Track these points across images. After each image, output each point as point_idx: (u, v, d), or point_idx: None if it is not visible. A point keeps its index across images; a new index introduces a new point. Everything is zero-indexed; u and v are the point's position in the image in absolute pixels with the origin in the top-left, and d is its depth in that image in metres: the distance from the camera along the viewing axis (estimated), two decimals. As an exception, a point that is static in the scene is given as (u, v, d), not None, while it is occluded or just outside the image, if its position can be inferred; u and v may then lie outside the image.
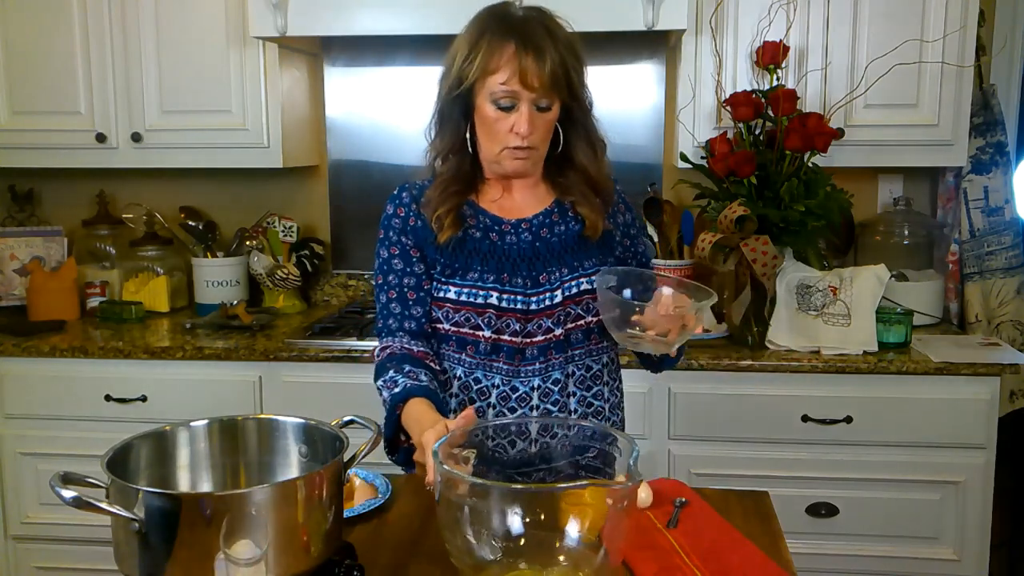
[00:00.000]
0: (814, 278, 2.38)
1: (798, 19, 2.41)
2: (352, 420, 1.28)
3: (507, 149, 1.47)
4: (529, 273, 1.52)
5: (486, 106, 1.45)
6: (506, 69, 1.41)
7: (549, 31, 1.43)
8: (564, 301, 1.51)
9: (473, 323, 1.52)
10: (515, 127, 1.44)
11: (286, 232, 2.92)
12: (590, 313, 1.53)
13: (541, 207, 1.57)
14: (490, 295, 1.51)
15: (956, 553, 2.31)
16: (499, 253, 1.53)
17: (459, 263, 1.53)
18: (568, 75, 1.44)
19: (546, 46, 1.41)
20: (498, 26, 1.44)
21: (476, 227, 1.55)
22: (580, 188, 1.55)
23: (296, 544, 1.08)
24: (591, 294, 1.52)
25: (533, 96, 1.42)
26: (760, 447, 2.32)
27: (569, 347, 1.53)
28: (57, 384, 2.50)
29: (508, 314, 1.51)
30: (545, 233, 1.55)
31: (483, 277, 1.52)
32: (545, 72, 1.40)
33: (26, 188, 3.08)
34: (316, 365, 2.40)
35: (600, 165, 1.55)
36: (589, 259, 1.55)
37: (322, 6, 2.40)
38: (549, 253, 1.54)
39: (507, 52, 1.41)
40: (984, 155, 2.64)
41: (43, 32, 2.67)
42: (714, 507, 1.44)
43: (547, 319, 1.51)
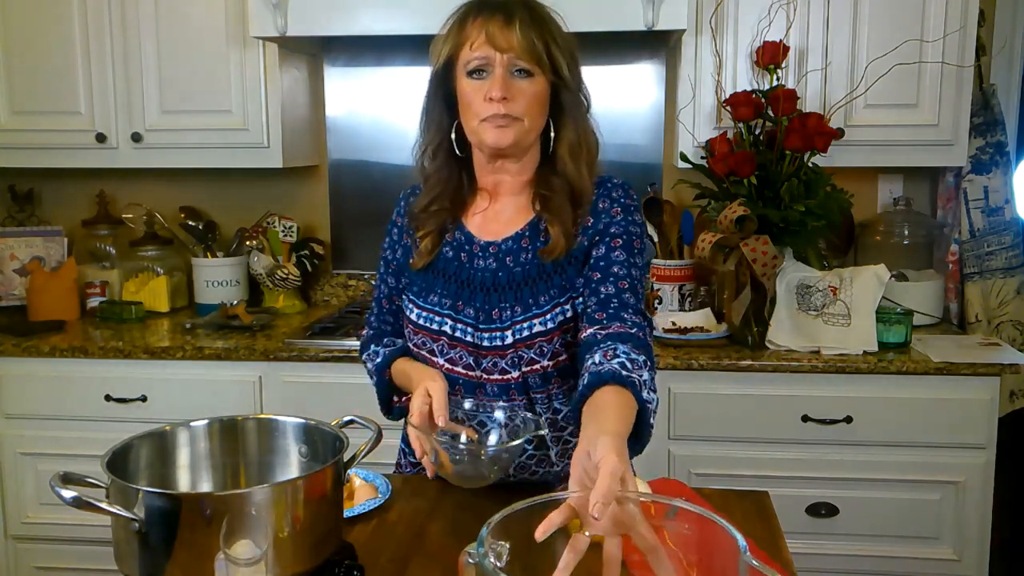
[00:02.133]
0: (814, 278, 2.38)
1: (798, 19, 2.41)
2: (352, 420, 1.27)
3: (483, 121, 1.38)
4: (482, 306, 1.43)
5: (463, 81, 1.39)
6: (475, 36, 1.36)
7: (529, 7, 1.38)
8: (515, 343, 1.40)
9: (428, 348, 1.47)
10: (488, 92, 1.35)
11: (286, 232, 2.92)
12: (544, 358, 1.40)
13: (517, 227, 1.46)
14: (444, 322, 1.44)
15: (956, 553, 2.31)
16: (463, 277, 1.45)
17: (426, 283, 1.48)
18: (548, 47, 1.36)
19: (517, 13, 1.35)
20: (472, 6, 1.40)
21: (451, 244, 1.48)
22: (560, 197, 1.42)
23: (296, 544, 1.08)
24: (543, 336, 1.40)
25: (505, 58, 1.35)
26: (760, 447, 2.32)
27: (530, 390, 1.43)
28: (57, 384, 2.50)
29: (460, 345, 1.43)
30: (510, 261, 1.44)
31: (441, 302, 1.45)
32: (515, 33, 1.34)
33: (26, 188, 3.08)
34: (316, 365, 2.40)
35: (581, 164, 1.42)
36: (548, 292, 1.41)
37: (322, 6, 2.40)
38: (508, 285, 1.43)
39: (476, 22, 1.37)
40: (984, 155, 2.64)
41: (43, 32, 2.67)
42: (714, 507, 1.43)
43: (500, 359, 1.42)
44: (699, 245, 2.37)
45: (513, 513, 1.00)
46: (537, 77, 1.37)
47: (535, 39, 1.35)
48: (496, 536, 0.96)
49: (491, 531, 0.95)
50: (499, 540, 0.96)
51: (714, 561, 1.05)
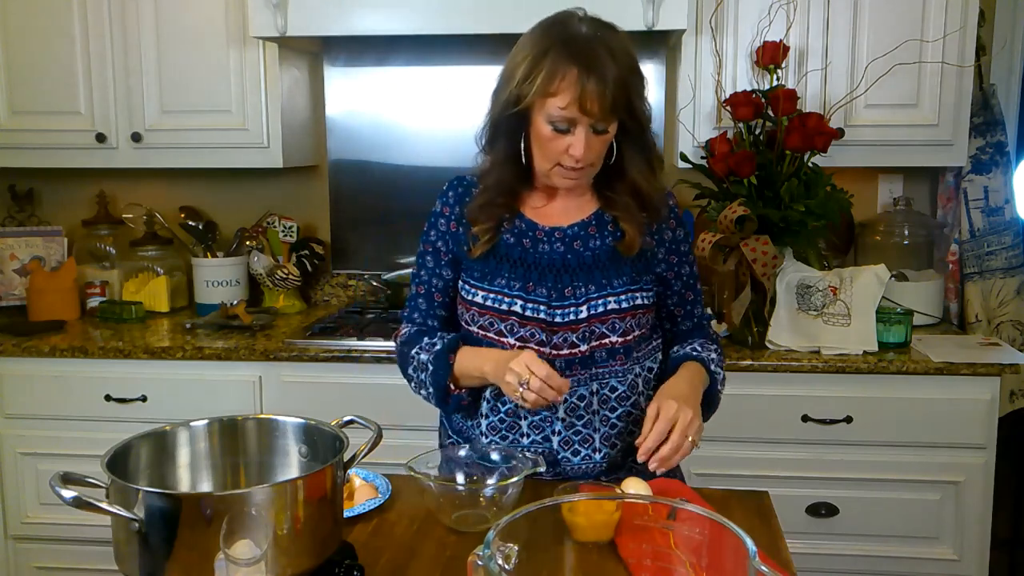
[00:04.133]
0: (814, 278, 2.38)
1: (798, 19, 2.41)
2: (352, 420, 1.28)
3: (559, 167, 1.45)
4: (555, 285, 1.50)
5: (542, 125, 1.41)
6: (566, 94, 1.36)
7: (611, 52, 1.37)
8: (589, 319, 1.49)
9: (497, 329, 1.52)
10: (571, 150, 1.41)
11: (286, 232, 2.92)
12: (615, 333, 1.50)
13: (580, 217, 1.54)
14: (514, 303, 1.51)
15: (956, 553, 2.31)
16: (528, 261, 1.52)
17: (488, 268, 1.53)
18: (628, 96, 1.40)
19: (608, 71, 1.36)
20: (561, 46, 1.38)
21: (511, 231, 1.54)
22: (626, 201, 1.50)
23: (296, 544, 1.08)
24: (616, 314, 1.50)
25: (591, 121, 1.39)
26: (760, 447, 2.32)
27: (594, 364, 1.51)
28: (57, 384, 2.50)
29: (531, 323, 1.50)
30: (578, 245, 1.52)
31: (509, 284, 1.51)
32: (606, 98, 1.36)
33: (26, 188, 3.08)
34: (316, 365, 2.40)
35: (652, 180, 1.50)
36: (620, 277, 1.52)
37: (322, 6, 2.40)
38: (579, 266, 1.51)
39: (569, 77, 1.36)
40: (984, 155, 2.64)
41: (43, 32, 2.67)
42: (714, 507, 1.43)
43: (571, 334, 1.49)
44: (699, 245, 2.37)
45: (521, 516, 1.00)
46: (612, 126, 1.43)
47: (622, 96, 1.38)
48: (504, 538, 0.96)
49: (499, 533, 0.95)
50: (507, 542, 0.96)
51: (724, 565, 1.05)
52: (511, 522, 0.99)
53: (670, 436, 1.37)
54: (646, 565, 1.23)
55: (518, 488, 1.37)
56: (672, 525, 1.17)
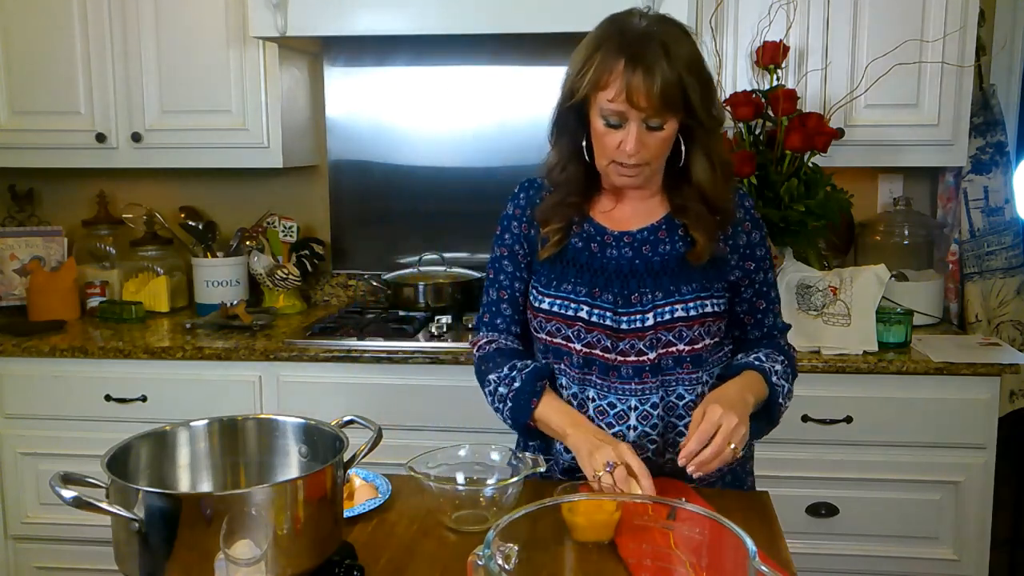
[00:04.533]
0: (814, 278, 2.38)
1: (798, 19, 2.41)
2: (352, 420, 1.28)
3: (614, 164, 1.43)
4: (621, 291, 1.48)
5: (596, 120, 1.41)
6: (614, 86, 1.35)
7: (665, 47, 1.34)
8: (656, 326, 1.46)
9: (564, 335, 1.51)
10: (622, 145, 1.39)
11: (286, 232, 2.92)
12: (682, 341, 1.47)
13: (650, 220, 1.51)
14: (580, 308, 1.49)
15: (956, 553, 2.31)
16: (596, 266, 1.50)
17: (555, 273, 1.52)
18: (685, 94, 1.36)
19: (657, 64, 1.33)
20: (613, 40, 1.37)
21: (579, 236, 1.52)
22: (696, 206, 1.47)
23: (296, 544, 1.08)
24: (684, 321, 1.46)
25: (642, 115, 1.36)
26: (760, 447, 2.31)
27: (662, 372, 1.48)
28: (57, 384, 2.50)
29: (598, 329, 1.48)
30: (647, 250, 1.49)
31: (576, 289, 1.50)
32: (655, 91, 1.33)
33: (26, 188, 3.08)
34: (316, 365, 2.40)
35: (719, 185, 1.46)
36: (689, 283, 1.48)
37: (322, 6, 2.40)
38: (647, 272, 1.48)
39: (616, 69, 1.35)
40: (984, 155, 2.64)
41: (43, 32, 2.67)
42: (714, 507, 1.43)
43: (638, 341, 1.47)
44: (699, 245, 2.37)
45: (520, 516, 1.01)
46: (669, 124, 1.40)
47: (673, 92, 1.35)
48: (504, 538, 0.96)
49: (499, 533, 0.96)
50: (507, 542, 0.97)
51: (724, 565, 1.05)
52: (511, 522, 0.99)
53: (713, 440, 1.33)
54: (646, 565, 1.23)
55: (518, 488, 1.37)
56: (672, 525, 1.17)
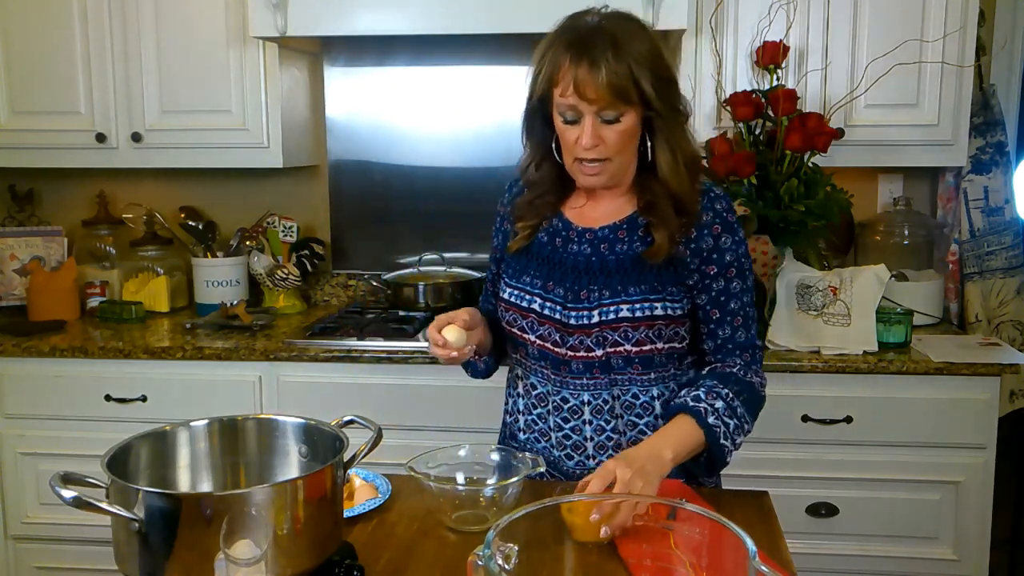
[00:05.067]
0: (814, 278, 2.38)
1: (798, 19, 2.41)
2: (352, 420, 1.28)
3: (577, 162, 1.44)
4: (572, 286, 1.50)
5: (556, 118, 1.43)
6: (564, 81, 1.38)
7: (614, 40, 1.36)
8: (600, 324, 1.46)
9: (519, 325, 1.55)
10: (579, 139, 1.40)
11: (286, 232, 2.92)
12: (629, 342, 1.46)
13: (615, 218, 1.51)
14: (534, 300, 1.52)
15: (956, 553, 2.31)
16: (555, 260, 1.53)
17: (520, 265, 1.56)
18: (636, 84, 1.36)
19: (603, 56, 1.34)
20: (563, 37, 1.40)
21: (546, 231, 1.55)
22: (662, 204, 1.45)
23: (296, 544, 1.08)
24: (629, 322, 1.45)
25: (594, 108, 1.37)
26: (760, 447, 2.31)
27: (612, 371, 1.49)
28: (57, 384, 2.50)
29: (549, 323, 1.51)
30: (604, 248, 1.50)
31: (533, 282, 1.53)
32: (601, 82, 1.34)
33: (26, 188, 3.08)
34: (316, 365, 2.40)
35: (683, 180, 1.44)
36: (639, 285, 1.46)
37: (322, 6, 2.40)
38: (600, 270, 1.49)
39: (565, 65, 1.37)
40: (984, 155, 2.64)
41: (43, 32, 2.67)
42: (714, 507, 1.43)
43: (586, 337, 1.48)
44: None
45: (520, 516, 1.01)
46: (626, 116, 1.40)
47: (622, 82, 1.35)
48: (504, 538, 0.96)
49: (499, 533, 0.96)
50: (507, 542, 0.97)
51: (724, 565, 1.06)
52: (511, 522, 0.99)
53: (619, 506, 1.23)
54: (646, 565, 1.23)
55: (518, 488, 1.37)
56: (672, 525, 1.17)
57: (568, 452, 1.54)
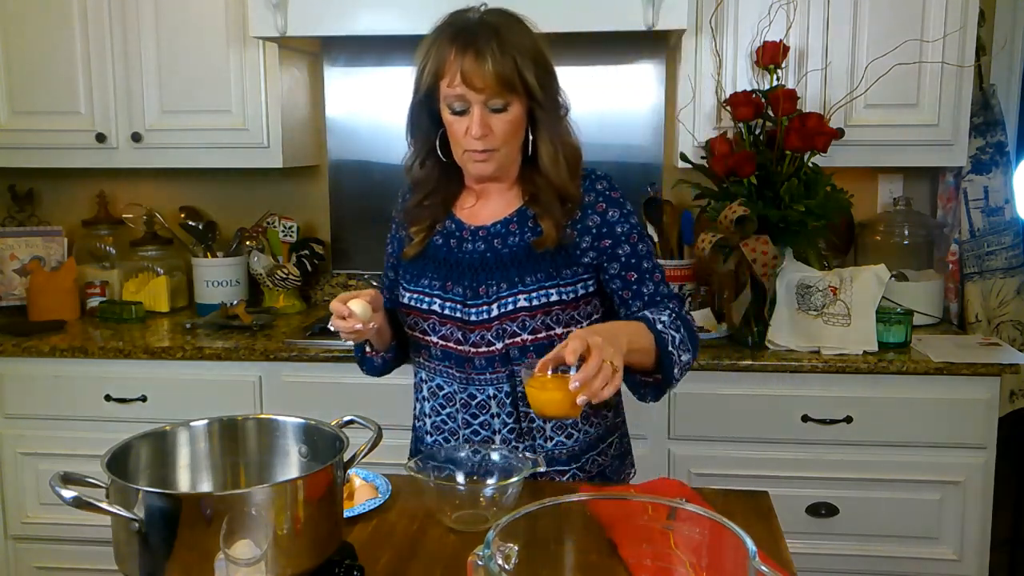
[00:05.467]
0: (814, 278, 2.38)
1: (798, 19, 2.41)
2: (352, 420, 1.28)
3: (467, 152, 1.48)
4: (471, 284, 1.52)
5: (444, 111, 1.47)
6: (450, 72, 1.42)
7: (497, 32, 1.42)
8: (500, 317, 1.49)
9: (421, 328, 1.58)
10: (469, 130, 1.44)
11: (286, 232, 2.92)
12: (526, 331, 1.50)
13: (505, 213, 1.55)
14: (433, 301, 1.55)
15: (956, 553, 2.31)
16: (452, 261, 1.55)
17: (417, 269, 1.59)
18: (521, 75, 1.42)
19: (488, 46, 1.40)
20: (447, 32, 1.45)
21: (441, 233, 1.58)
22: (547, 194, 1.50)
23: (296, 544, 1.08)
24: (527, 311, 1.49)
25: (482, 97, 1.42)
26: (760, 447, 2.32)
27: (511, 362, 1.52)
28: (57, 384, 2.50)
29: (450, 322, 1.53)
30: (498, 243, 1.53)
31: (431, 284, 1.56)
32: (488, 71, 1.40)
33: (26, 188, 3.08)
34: (316, 365, 2.40)
35: (562, 171, 1.49)
36: (534, 274, 1.50)
37: (322, 6, 2.40)
38: (496, 264, 1.52)
39: (450, 57, 1.42)
40: (984, 155, 2.64)
41: (43, 32, 2.67)
42: (714, 507, 1.43)
43: (487, 332, 1.51)
44: (699, 245, 2.37)
45: (521, 516, 1.01)
46: (513, 106, 1.45)
47: (506, 71, 1.41)
48: (504, 538, 0.96)
49: (499, 533, 0.96)
50: (507, 542, 0.97)
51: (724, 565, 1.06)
52: (511, 522, 0.99)
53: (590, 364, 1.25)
54: (646, 565, 1.23)
55: (518, 488, 1.37)
56: (672, 525, 1.17)
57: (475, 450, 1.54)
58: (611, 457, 1.64)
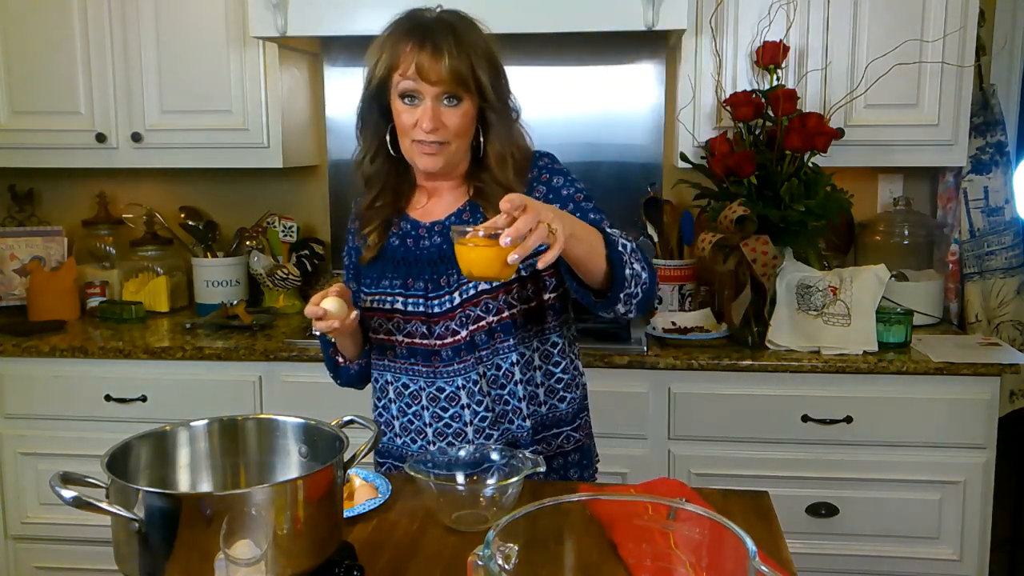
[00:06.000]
0: (814, 278, 2.38)
1: (798, 19, 2.41)
2: (352, 420, 1.28)
3: (415, 143, 1.49)
4: (431, 276, 1.54)
5: (395, 102, 1.48)
6: (405, 64, 1.44)
7: (453, 29, 1.45)
8: (463, 303, 1.52)
9: (385, 328, 1.58)
10: (419, 121, 1.45)
11: (286, 232, 2.92)
12: (490, 313, 1.53)
13: (457, 205, 1.58)
14: (396, 300, 1.56)
15: (956, 553, 2.31)
16: (410, 259, 1.57)
17: (376, 272, 1.60)
18: (474, 73, 1.44)
19: (444, 42, 1.43)
20: (404, 26, 1.47)
21: (396, 235, 1.60)
22: (492, 188, 1.52)
23: (296, 544, 1.08)
24: (488, 293, 1.52)
25: (434, 90, 1.44)
26: (760, 447, 2.32)
27: (476, 348, 1.54)
28: (57, 384, 2.50)
29: (414, 318, 1.55)
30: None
31: (392, 284, 1.57)
32: (444, 65, 1.42)
33: (26, 188, 3.08)
34: (316, 365, 2.39)
35: (508, 172, 1.52)
36: None
37: (322, 6, 2.40)
38: (453, 255, 1.50)
39: (406, 49, 1.44)
40: (984, 155, 2.64)
41: (43, 32, 2.67)
42: (714, 507, 1.43)
43: (451, 321, 1.53)
44: (699, 245, 2.37)
45: (521, 516, 1.01)
46: (464, 102, 1.47)
47: (462, 68, 1.43)
48: (504, 538, 0.96)
49: (499, 533, 0.96)
50: (507, 542, 0.97)
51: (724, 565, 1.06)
52: (511, 522, 0.99)
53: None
54: (646, 565, 1.23)
55: (518, 488, 1.37)
56: (672, 525, 1.17)
57: (449, 441, 1.57)
58: (585, 435, 1.66)
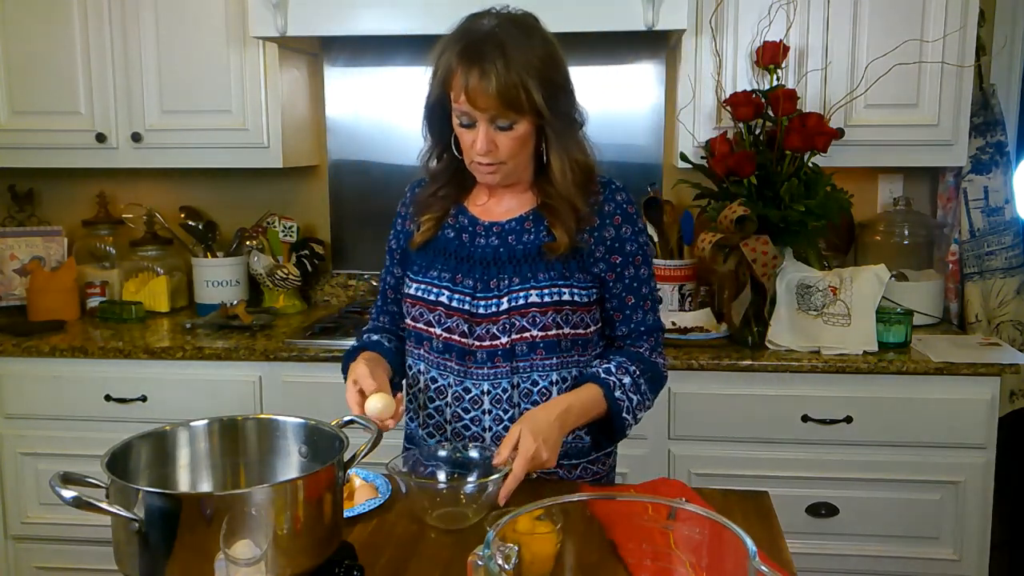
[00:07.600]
0: (814, 278, 2.38)
1: (798, 19, 2.41)
2: (352, 420, 1.28)
3: (474, 163, 1.48)
4: (481, 277, 1.53)
5: (454, 119, 1.47)
6: (457, 89, 1.41)
7: (503, 49, 1.37)
8: (509, 311, 1.50)
9: (426, 319, 1.56)
10: (474, 143, 1.44)
11: (286, 232, 2.92)
12: (535, 327, 1.50)
13: (520, 212, 1.55)
14: (442, 293, 1.54)
15: (956, 553, 2.31)
16: (463, 254, 1.55)
17: (426, 261, 1.58)
18: (526, 93, 1.38)
19: (492, 65, 1.36)
20: (458, 42, 1.41)
21: (452, 227, 1.58)
22: (558, 203, 1.50)
23: (296, 544, 1.08)
24: (538, 307, 1.49)
25: (486, 115, 1.41)
26: (760, 447, 2.32)
27: (515, 358, 1.52)
28: (57, 384, 2.50)
29: (456, 314, 1.53)
30: (512, 239, 1.53)
31: (440, 276, 1.55)
32: (491, 92, 1.37)
33: (26, 188, 3.08)
34: (316, 365, 2.40)
35: (570, 187, 1.48)
36: (548, 271, 1.50)
37: (322, 6, 2.40)
38: (509, 260, 1.52)
39: (457, 72, 1.40)
40: (984, 155, 2.64)
41: (43, 32, 2.67)
42: (714, 507, 1.43)
43: (493, 325, 1.51)
44: (699, 245, 2.37)
45: (520, 516, 1.01)
46: (519, 124, 1.43)
47: (512, 90, 1.37)
48: (504, 538, 0.96)
49: (499, 533, 0.96)
50: (507, 543, 0.97)
51: (724, 565, 1.05)
52: (511, 522, 0.99)
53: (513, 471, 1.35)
54: (646, 565, 1.23)
55: (497, 485, 1.37)
56: (672, 525, 1.17)
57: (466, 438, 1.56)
58: (608, 467, 1.66)
